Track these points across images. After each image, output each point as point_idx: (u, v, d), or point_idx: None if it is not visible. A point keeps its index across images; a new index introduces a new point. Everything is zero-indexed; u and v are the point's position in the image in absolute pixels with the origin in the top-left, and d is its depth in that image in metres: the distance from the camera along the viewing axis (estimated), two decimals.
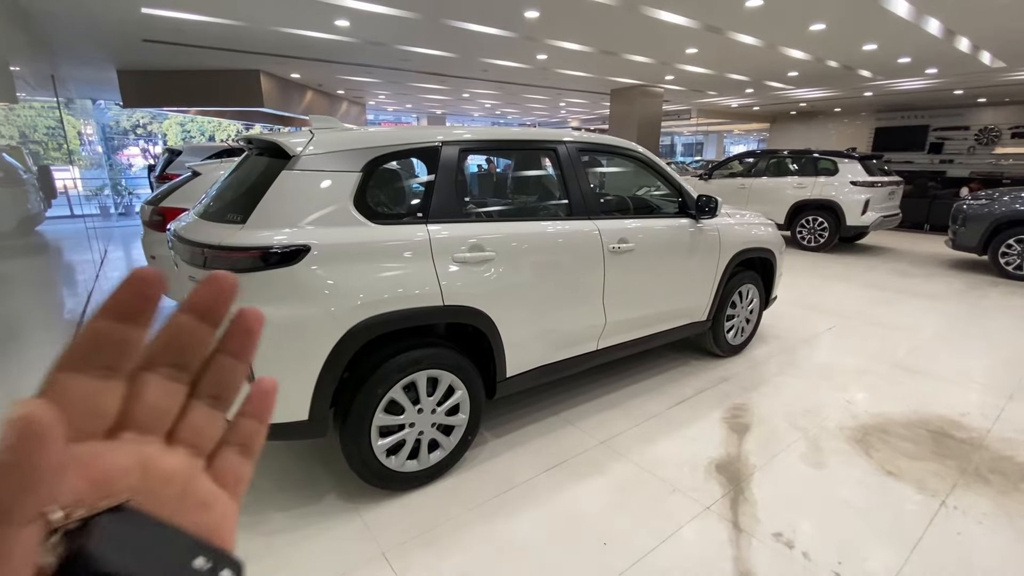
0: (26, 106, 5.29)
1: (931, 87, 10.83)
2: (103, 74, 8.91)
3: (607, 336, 2.89)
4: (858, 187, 7.61)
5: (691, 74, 9.73)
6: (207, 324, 0.26)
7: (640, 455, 2.57)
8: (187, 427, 0.27)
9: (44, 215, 5.07)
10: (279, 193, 1.91)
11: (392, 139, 2.17)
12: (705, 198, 3.19)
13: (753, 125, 20.29)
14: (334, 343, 1.89)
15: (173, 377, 0.26)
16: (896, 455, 2.61)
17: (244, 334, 0.28)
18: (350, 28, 6.17)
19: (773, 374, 3.53)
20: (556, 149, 2.70)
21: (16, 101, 4.43)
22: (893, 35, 6.54)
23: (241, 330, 0.28)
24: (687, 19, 5.96)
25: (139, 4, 5.02)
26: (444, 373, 2.21)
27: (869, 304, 5.22)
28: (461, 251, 2.20)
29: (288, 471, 2.41)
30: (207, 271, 1.84)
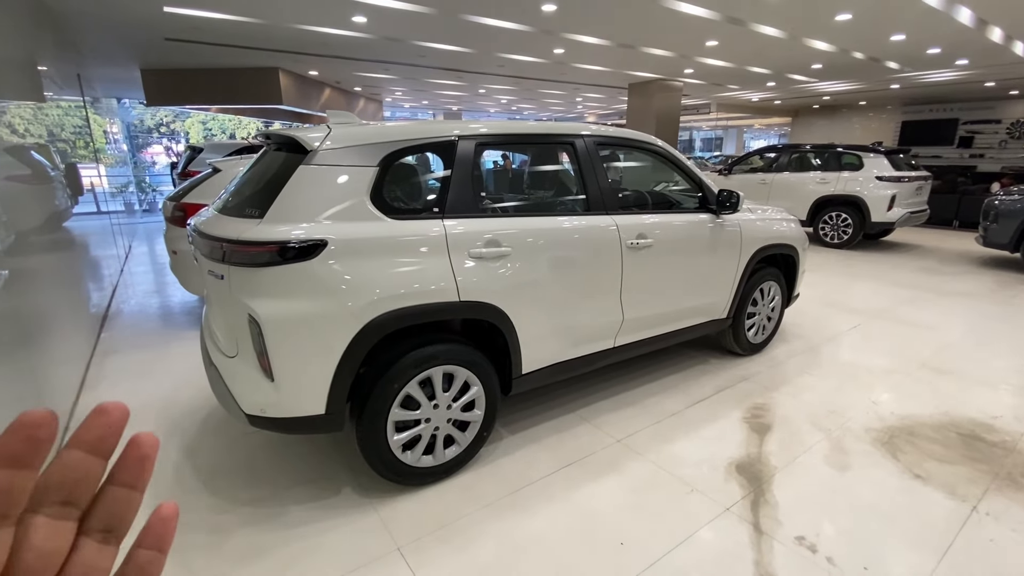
0: (54, 105, 5.42)
1: (961, 79, 10.48)
2: (127, 73, 9.08)
3: (624, 333, 2.85)
4: (884, 182, 7.41)
5: (711, 67, 9.56)
6: (97, 457, 0.26)
7: (658, 454, 2.53)
8: (76, 566, 0.25)
9: (71, 211, 5.19)
10: (296, 188, 1.91)
11: (408, 133, 2.16)
12: (726, 193, 3.12)
13: (774, 119, 19.90)
14: (351, 338, 1.89)
15: (62, 515, 0.25)
16: (924, 458, 2.53)
17: (138, 462, 0.27)
18: (367, 24, 6.18)
19: (795, 373, 3.46)
20: (574, 143, 2.66)
21: (44, 100, 4.53)
22: (923, 25, 6.33)
23: (135, 458, 0.27)
24: (708, 11, 5.84)
25: (161, 3, 5.09)
26: (460, 369, 2.20)
27: (895, 302, 5.08)
28: (477, 246, 2.18)
29: (306, 465, 2.43)
30: (226, 265, 1.86)
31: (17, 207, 3.13)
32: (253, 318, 1.81)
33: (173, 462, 2.48)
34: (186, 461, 2.48)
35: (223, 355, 2.04)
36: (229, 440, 2.64)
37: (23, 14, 4.16)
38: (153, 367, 3.58)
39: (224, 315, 1.96)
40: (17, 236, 3.00)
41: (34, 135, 4.18)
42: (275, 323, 1.80)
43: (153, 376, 3.43)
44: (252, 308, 1.80)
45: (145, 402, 3.07)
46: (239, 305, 1.84)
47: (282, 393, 1.87)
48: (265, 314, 1.79)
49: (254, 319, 1.81)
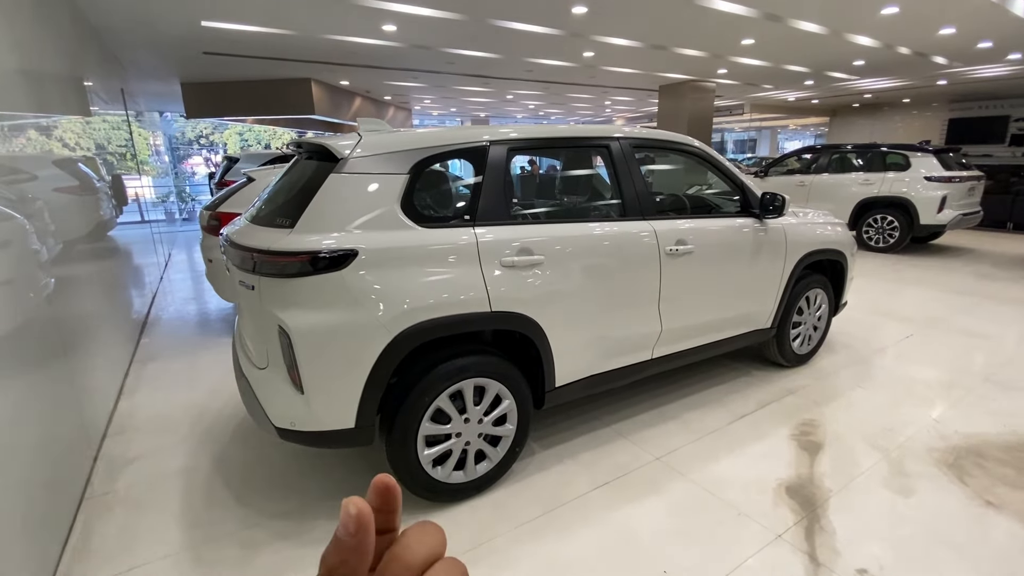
0: (101, 119, 5.63)
1: (1013, 74, 9.92)
2: (168, 87, 9.40)
3: (663, 344, 2.72)
4: (934, 183, 7.03)
5: (746, 67, 9.30)
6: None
7: (700, 473, 2.39)
8: None
9: (116, 221, 5.37)
10: (327, 196, 1.87)
11: (439, 140, 2.10)
12: (770, 196, 2.96)
13: (810, 119, 19.28)
14: (381, 349, 1.83)
15: None
16: (995, 483, 2.32)
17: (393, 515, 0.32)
18: (397, 32, 6.22)
19: (845, 387, 3.25)
20: (608, 146, 2.56)
21: (90, 115, 4.70)
22: (974, 17, 5.99)
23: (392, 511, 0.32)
24: (744, 7, 5.66)
25: (199, 17, 5.23)
26: (491, 382, 2.12)
27: (950, 310, 4.78)
28: (508, 255, 2.10)
29: (336, 476, 2.39)
30: (256, 275, 1.83)
31: (64, 217, 3.22)
32: (283, 330, 1.77)
33: (205, 473, 2.47)
34: (217, 472, 2.47)
35: (254, 366, 2.01)
36: (260, 449, 2.63)
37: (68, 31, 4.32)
38: (189, 374, 3.62)
39: (255, 326, 1.94)
40: (64, 245, 3.08)
41: (83, 148, 4.33)
42: (305, 335, 1.76)
43: (189, 383, 3.47)
44: (282, 319, 1.76)
45: (180, 410, 3.10)
46: (269, 316, 1.81)
47: (312, 406, 1.82)
48: (295, 326, 1.75)
49: (284, 331, 1.77)
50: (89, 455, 2.59)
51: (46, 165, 3.10)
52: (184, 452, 2.67)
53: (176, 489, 2.35)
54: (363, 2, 5.01)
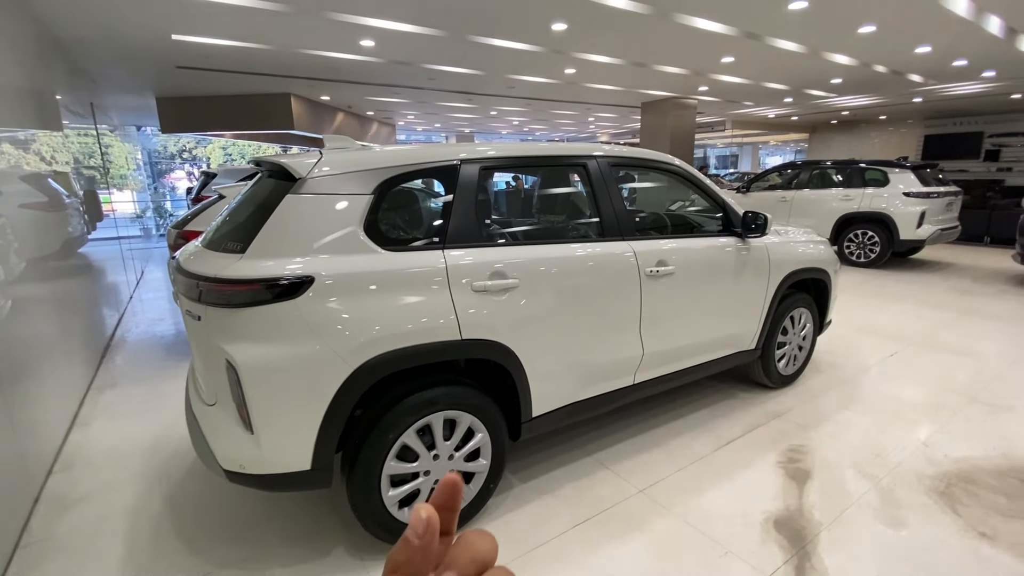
0: (79, 133, 5.45)
1: (987, 91, 10.15)
2: (143, 101, 9.20)
3: (645, 369, 2.61)
4: (912, 198, 7.10)
5: (726, 84, 9.39)
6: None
7: (685, 507, 2.27)
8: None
9: (87, 237, 5.16)
10: (282, 219, 1.74)
11: (406, 158, 1.99)
12: (752, 214, 2.90)
13: (790, 135, 19.61)
14: (340, 384, 1.69)
15: None
16: (988, 512, 2.23)
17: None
18: (375, 48, 6.14)
19: (833, 409, 3.17)
20: (586, 164, 2.47)
21: (61, 129, 4.53)
22: (950, 36, 6.10)
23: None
24: (724, 26, 5.69)
25: (169, 31, 5.09)
26: (463, 414, 1.99)
27: (933, 327, 4.76)
28: (481, 279, 1.99)
29: (294, 520, 2.22)
30: (202, 305, 1.69)
31: (30, 234, 3.05)
32: (231, 364, 1.63)
33: (155, 514, 2.28)
34: (169, 513, 2.29)
35: (203, 402, 1.86)
36: (216, 487, 2.45)
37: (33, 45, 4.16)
38: (149, 402, 3.42)
39: (202, 360, 1.79)
40: (28, 264, 2.90)
41: (55, 162, 4.15)
42: (255, 370, 1.62)
43: (148, 413, 3.27)
44: (230, 353, 1.62)
45: (135, 442, 2.91)
46: (216, 350, 1.66)
47: (262, 447, 1.67)
48: (244, 360, 1.61)
49: (232, 365, 1.62)
50: (29, 495, 2.39)
51: (12, 181, 2.94)
52: (135, 490, 2.48)
53: (122, 533, 2.17)
54: (339, 17, 4.93)
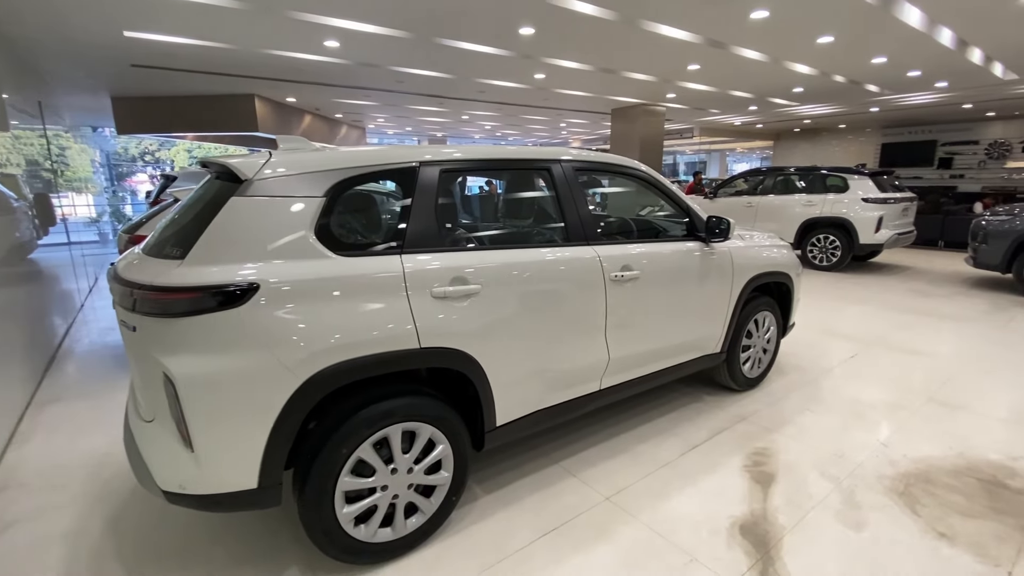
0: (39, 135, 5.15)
1: (940, 101, 10.62)
2: (98, 101, 8.83)
3: (611, 374, 2.59)
4: (870, 204, 7.34)
5: (693, 92, 9.56)
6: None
7: (652, 514, 2.24)
8: None
9: (37, 243, 4.89)
10: (226, 223, 1.64)
11: (361, 160, 1.91)
12: (716, 219, 2.91)
13: (756, 143, 20.14)
14: (288, 397, 1.60)
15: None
16: (947, 512, 2.27)
17: None
18: (340, 49, 6.02)
19: (796, 411, 3.20)
20: (550, 168, 2.44)
21: (8, 129, 4.28)
22: (904, 47, 6.33)
23: None
24: (688, 33, 5.78)
25: (120, 27, 4.88)
26: (423, 425, 1.92)
27: (891, 328, 4.89)
28: (441, 285, 1.92)
29: (246, 540, 2.10)
30: (139, 315, 1.58)
31: None
32: (168, 378, 1.52)
33: (94, 538, 2.14)
34: (109, 537, 2.14)
35: (140, 419, 1.74)
36: (162, 508, 2.31)
37: None
38: (94, 418, 3.23)
39: (139, 373, 1.67)
40: None
41: (11, 164, 3.91)
42: (194, 384, 1.52)
43: (91, 430, 3.08)
44: (167, 366, 1.51)
45: (77, 460, 2.73)
46: (152, 362, 1.55)
47: (204, 466, 1.57)
48: (182, 373, 1.51)
49: (169, 379, 1.52)
50: None
51: None
52: (74, 513, 2.32)
53: (56, 561, 2.02)
54: (302, 16, 4.81)
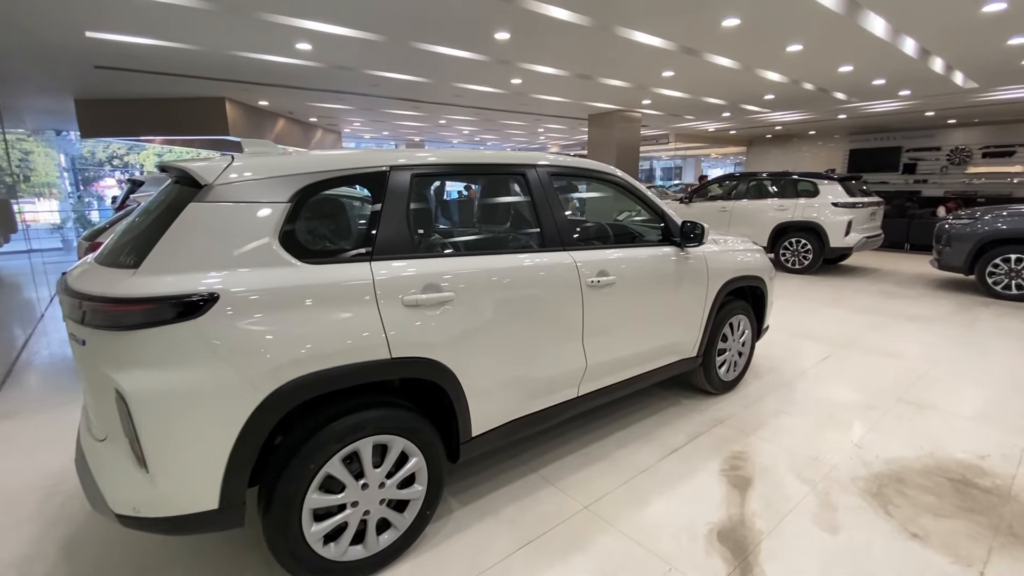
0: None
1: (904, 109, 10.97)
2: (60, 103, 8.52)
3: (589, 381, 2.56)
4: (840, 208, 7.52)
5: (668, 98, 9.69)
6: None
7: (630, 522, 2.22)
8: None
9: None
10: (184, 230, 1.57)
11: (330, 164, 1.85)
12: (690, 224, 2.92)
13: (730, 149, 20.54)
14: (250, 412, 1.53)
15: None
16: (919, 512, 2.29)
17: None
18: (313, 52, 5.92)
19: (771, 414, 3.23)
20: (526, 174, 2.41)
21: None
22: (869, 56, 6.51)
23: None
24: (663, 40, 5.84)
25: (82, 27, 4.71)
26: (395, 438, 1.86)
27: (862, 329, 4.99)
28: (413, 292, 1.87)
29: (211, 558, 2.01)
30: (89, 328, 1.49)
31: None
32: (120, 394, 1.44)
33: (49, 564, 2.01)
34: (65, 562, 2.02)
35: (92, 437, 1.64)
36: (120, 529, 2.19)
37: None
38: (51, 435, 3.07)
39: (90, 390, 1.58)
40: None
41: None
42: (147, 400, 1.43)
43: (49, 446, 2.93)
44: (118, 382, 1.43)
45: (32, 480, 2.58)
46: (103, 378, 1.47)
47: (159, 487, 1.48)
48: (134, 389, 1.42)
49: (121, 396, 1.43)
50: None
51: None
52: (26, 536, 2.18)
53: None
54: (272, 18, 4.71)
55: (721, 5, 4.81)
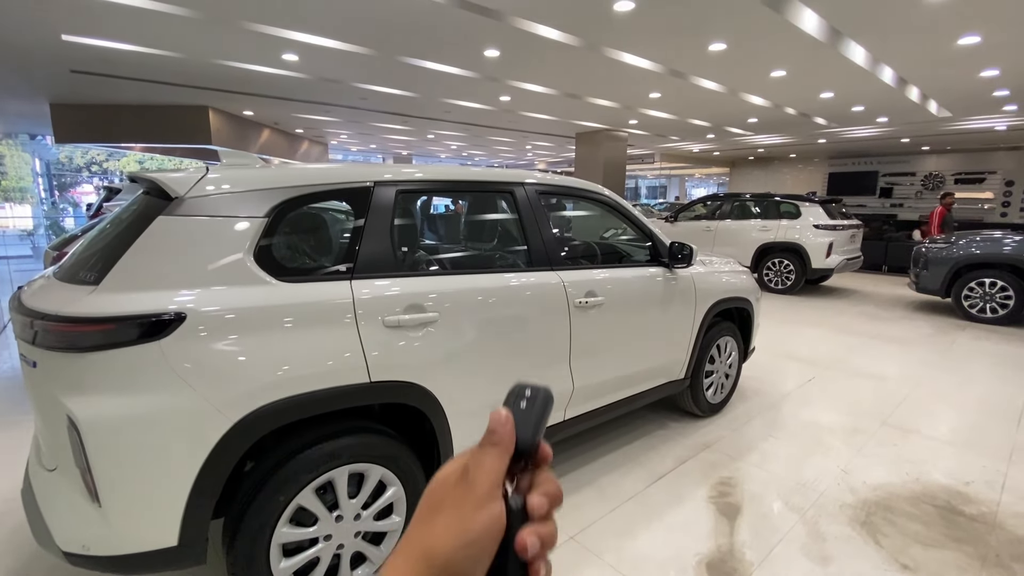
0: None
1: (880, 135, 11.27)
2: (35, 107, 8.30)
3: (576, 404, 2.49)
4: (821, 230, 7.63)
5: (654, 119, 9.82)
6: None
7: (617, 553, 2.14)
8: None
9: None
10: (151, 244, 1.48)
11: (311, 178, 1.78)
12: (679, 245, 2.90)
13: (713, 169, 20.90)
14: (216, 441, 1.43)
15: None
16: (908, 541, 2.25)
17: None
18: (299, 63, 5.86)
19: (759, 438, 3.19)
20: (513, 192, 2.36)
21: None
22: (849, 83, 6.68)
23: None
24: (650, 62, 5.91)
25: (58, 31, 4.58)
26: (372, 466, 1.76)
27: (845, 351, 5.02)
28: (395, 312, 1.79)
29: None
30: (40, 349, 1.38)
31: None
32: (72, 422, 1.33)
33: None
34: None
35: (42, 468, 1.52)
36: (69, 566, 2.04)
37: None
38: (9, 456, 2.89)
39: (40, 416, 1.46)
40: None
41: None
42: (102, 428, 1.33)
43: (4, 469, 2.75)
44: (70, 408, 1.32)
45: None
46: (54, 404, 1.36)
47: (112, 522, 1.37)
48: (87, 416, 1.32)
49: (73, 423, 1.32)
50: None
51: None
52: None
53: None
54: (258, 28, 4.64)
55: (708, 30, 4.89)
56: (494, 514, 0.34)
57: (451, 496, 0.35)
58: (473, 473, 0.35)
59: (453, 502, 0.34)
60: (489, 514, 0.34)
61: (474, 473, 0.35)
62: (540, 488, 0.37)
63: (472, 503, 0.34)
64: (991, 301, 6.22)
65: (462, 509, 0.34)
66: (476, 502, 0.34)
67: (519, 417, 0.39)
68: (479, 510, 0.34)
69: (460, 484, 0.35)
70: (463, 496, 0.34)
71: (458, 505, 0.34)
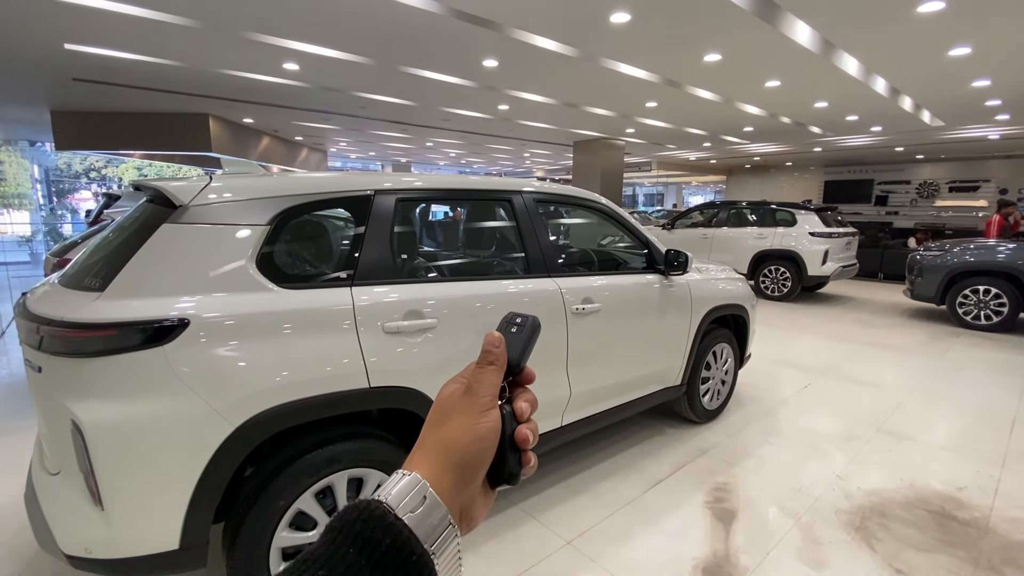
0: None
1: (875, 144, 11.38)
2: (36, 114, 8.35)
3: (572, 410, 2.52)
4: (817, 238, 7.69)
5: (651, 128, 9.90)
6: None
7: (613, 559, 2.15)
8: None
9: None
10: (156, 251, 1.50)
11: (312, 187, 1.81)
12: (674, 252, 2.93)
13: (710, 177, 21.03)
14: (217, 445, 1.45)
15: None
16: (902, 546, 2.27)
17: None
18: (300, 72, 5.92)
19: (755, 444, 3.21)
20: (511, 200, 2.40)
21: None
22: (843, 93, 6.76)
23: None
24: (647, 72, 5.98)
25: (61, 40, 4.63)
26: (371, 471, 1.78)
27: (840, 358, 5.05)
28: (394, 319, 1.82)
29: None
30: (46, 354, 1.40)
31: None
32: (76, 426, 1.35)
33: None
34: None
35: (45, 471, 1.54)
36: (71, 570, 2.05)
37: None
38: (8, 461, 2.90)
39: (44, 420, 1.48)
40: None
41: None
42: (105, 432, 1.35)
43: (5, 474, 2.76)
44: (75, 412, 1.34)
45: None
46: (59, 408, 1.38)
47: (115, 526, 1.39)
48: (92, 420, 1.34)
49: (77, 427, 1.35)
50: None
51: None
52: None
53: None
54: (259, 38, 4.70)
55: (703, 41, 4.96)
56: (495, 416, 0.43)
57: (459, 405, 0.43)
58: (475, 387, 0.44)
59: (462, 410, 0.43)
60: (491, 417, 0.43)
61: (476, 387, 0.44)
62: (522, 397, 0.47)
63: (477, 409, 0.43)
64: (985, 308, 6.27)
65: (470, 414, 0.43)
66: (480, 408, 0.43)
67: (510, 340, 0.47)
68: (484, 414, 0.43)
69: (466, 396, 0.44)
70: (469, 405, 0.43)
71: (466, 412, 0.43)
